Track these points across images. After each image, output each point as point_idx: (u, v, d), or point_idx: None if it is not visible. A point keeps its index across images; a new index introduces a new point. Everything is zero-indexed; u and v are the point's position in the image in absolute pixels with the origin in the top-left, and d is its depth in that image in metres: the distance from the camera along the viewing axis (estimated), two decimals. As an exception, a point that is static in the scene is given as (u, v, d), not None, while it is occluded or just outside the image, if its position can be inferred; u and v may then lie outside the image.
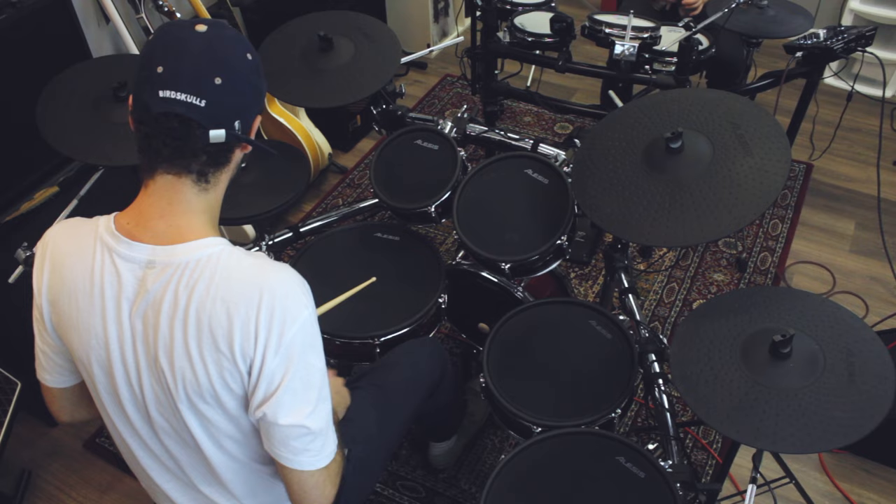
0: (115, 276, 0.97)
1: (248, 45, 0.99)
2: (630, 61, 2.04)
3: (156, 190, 0.97)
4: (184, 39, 0.93)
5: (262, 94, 1.02)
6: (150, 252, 0.96)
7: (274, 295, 0.94)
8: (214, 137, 0.94)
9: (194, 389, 0.97)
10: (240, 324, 0.93)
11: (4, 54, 1.91)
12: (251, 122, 1.00)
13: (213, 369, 0.95)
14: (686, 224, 1.30)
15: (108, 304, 0.98)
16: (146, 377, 1.00)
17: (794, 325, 1.22)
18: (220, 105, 0.93)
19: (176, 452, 1.08)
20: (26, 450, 2.04)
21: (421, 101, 3.39)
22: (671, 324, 2.31)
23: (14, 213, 1.90)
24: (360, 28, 1.88)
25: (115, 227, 0.98)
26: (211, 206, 1.01)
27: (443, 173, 1.73)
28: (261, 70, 1.01)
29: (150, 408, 1.03)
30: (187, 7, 2.57)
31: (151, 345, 0.97)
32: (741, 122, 1.38)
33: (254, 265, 0.96)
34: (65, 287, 1.00)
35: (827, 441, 1.09)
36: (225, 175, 1.01)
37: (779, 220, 2.67)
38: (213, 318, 0.93)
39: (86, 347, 1.01)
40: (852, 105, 2.48)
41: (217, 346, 0.94)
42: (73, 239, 1.01)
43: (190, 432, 1.02)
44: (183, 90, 0.90)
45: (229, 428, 1.03)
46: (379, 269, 1.75)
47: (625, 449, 1.25)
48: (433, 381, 1.56)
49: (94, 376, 1.03)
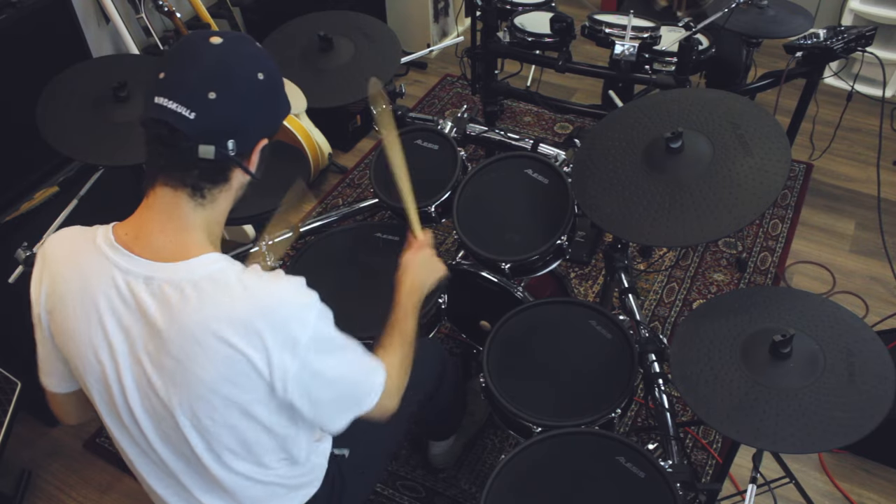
0: (112, 287, 0.96)
1: (266, 64, 0.96)
2: (630, 61, 2.04)
3: (155, 202, 0.96)
4: (196, 49, 0.92)
5: (269, 116, 0.99)
6: (149, 268, 0.95)
7: (277, 310, 0.93)
8: (203, 153, 0.91)
9: (197, 404, 0.96)
10: (249, 341, 0.92)
11: (4, 54, 1.91)
12: (251, 143, 0.97)
13: (219, 384, 0.94)
14: (686, 224, 1.30)
15: (104, 316, 0.96)
16: (142, 391, 0.99)
17: (794, 325, 1.22)
18: (211, 120, 0.91)
19: (173, 463, 1.07)
20: (26, 450, 2.04)
21: (421, 101, 3.39)
22: (671, 324, 2.31)
23: (14, 213, 1.90)
24: (361, 28, 1.88)
25: (114, 239, 0.97)
26: (209, 223, 0.99)
27: (443, 173, 1.73)
28: (275, 92, 0.98)
29: (148, 420, 1.02)
30: (187, 7, 2.58)
31: (149, 359, 0.96)
32: (741, 122, 1.38)
33: (255, 281, 0.95)
34: (61, 297, 0.98)
35: (827, 441, 1.09)
36: (224, 195, 0.99)
37: (779, 220, 2.67)
38: (219, 337, 0.92)
39: (81, 358, 1.00)
40: (852, 105, 2.48)
41: (231, 362, 0.93)
42: (71, 249, 1.00)
43: (189, 446, 1.01)
44: (175, 99, 0.89)
45: (231, 441, 1.02)
46: (379, 269, 1.75)
47: (625, 449, 1.25)
48: (433, 382, 1.56)
49: (90, 386, 1.02)
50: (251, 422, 1.00)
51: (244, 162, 0.97)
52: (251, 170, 0.99)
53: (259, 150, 0.99)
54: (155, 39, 2.40)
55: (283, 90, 1.01)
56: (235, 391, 0.95)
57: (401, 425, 1.48)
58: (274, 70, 0.97)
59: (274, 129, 1.01)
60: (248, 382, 0.95)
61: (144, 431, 1.03)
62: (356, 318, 1.62)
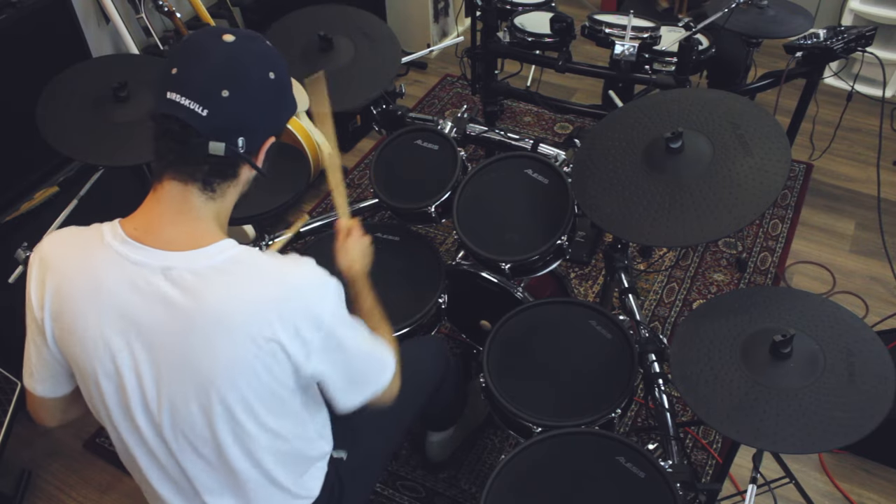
0: (126, 283, 0.95)
1: (276, 63, 0.97)
2: (630, 61, 2.04)
3: (164, 196, 0.96)
4: (207, 46, 0.92)
5: (278, 115, 1.00)
6: (166, 258, 0.94)
7: (299, 287, 0.96)
8: (213, 149, 0.92)
9: (230, 395, 0.96)
10: (275, 319, 0.93)
11: (4, 54, 1.91)
12: (259, 141, 0.98)
13: (247, 365, 0.95)
14: (686, 224, 1.30)
15: (119, 312, 0.95)
16: (165, 389, 0.98)
17: (794, 325, 1.22)
18: (223, 118, 0.92)
19: (188, 464, 1.05)
20: (26, 450, 2.04)
21: (421, 101, 3.39)
22: (671, 324, 2.31)
23: (14, 213, 1.90)
24: (361, 28, 1.88)
25: (124, 234, 0.96)
26: (219, 213, 1.01)
27: (443, 173, 1.73)
28: (284, 91, 0.99)
29: (168, 417, 1.00)
30: (187, 7, 2.58)
31: (171, 352, 0.95)
32: (741, 122, 1.38)
33: (273, 263, 0.97)
34: (69, 298, 0.97)
35: (827, 441, 1.09)
36: (232, 189, 1.00)
37: (779, 220, 2.67)
38: (245, 318, 0.93)
39: (91, 359, 0.98)
40: (852, 105, 2.48)
41: (258, 344, 0.94)
42: (74, 249, 0.98)
43: (211, 437, 1.01)
44: (188, 95, 0.90)
45: (261, 436, 1.03)
46: (379, 269, 1.75)
47: (625, 449, 1.26)
48: (435, 381, 1.55)
49: (100, 386, 1.00)
50: (274, 401, 1.01)
51: (252, 158, 0.98)
52: (259, 166, 1.00)
53: (267, 147, 1.00)
54: (155, 39, 2.40)
55: (291, 89, 1.02)
56: (263, 372, 0.96)
57: (402, 427, 1.48)
58: (283, 69, 0.98)
59: (281, 127, 1.02)
60: (275, 363, 0.96)
61: (160, 431, 1.02)
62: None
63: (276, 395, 1.00)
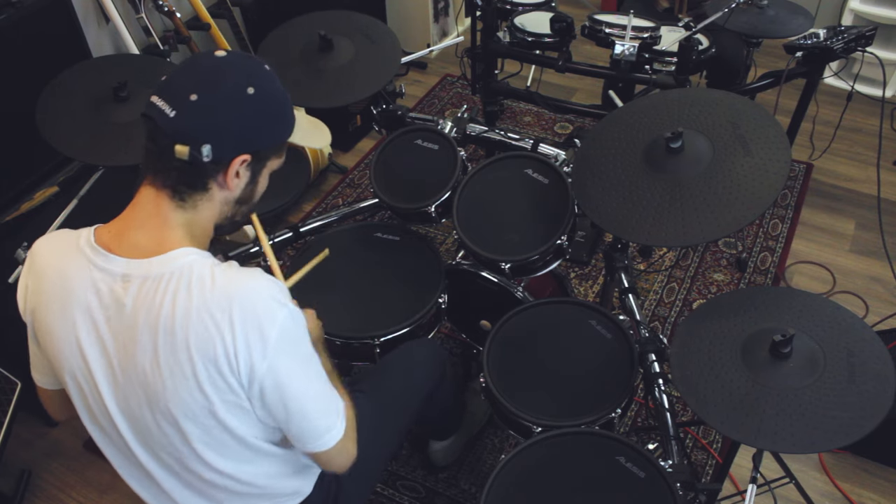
0: (91, 288, 0.97)
1: (261, 81, 0.96)
2: (630, 61, 2.04)
3: (140, 200, 0.99)
4: (201, 59, 0.97)
5: (252, 131, 0.97)
6: (126, 266, 0.96)
7: (247, 302, 0.93)
8: (178, 153, 0.93)
9: (184, 405, 0.97)
10: (218, 333, 0.92)
11: (4, 54, 1.91)
12: (228, 154, 0.96)
13: (203, 382, 0.95)
14: (686, 224, 1.30)
15: (82, 315, 0.98)
16: (121, 394, 1.00)
17: (794, 325, 1.22)
18: (189, 121, 0.93)
19: (152, 468, 1.07)
20: (26, 450, 2.04)
21: (421, 101, 3.39)
22: (671, 324, 2.31)
23: (14, 213, 1.90)
24: (361, 28, 1.88)
25: (94, 240, 0.99)
26: (191, 224, 1.00)
27: (443, 173, 1.73)
28: (265, 112, 0.98)
29: (127, 425, 1.02)
30: (187, 7, 2.58)
31: (132, 360, 0.97)
32: (741, 122, 1.38)
33: (224, 275, 0.95)
34: (43, 296, 1.00)
35: (827, 441, 1.09)
36: (205, 204, 1.00)
37: (779, 220, 2.67)
38: (189, 329, 0.93)
39: (65, 358, 1.01)
40: (852, 105, 2.48)
41: (199, 357, 0.93)
42: (56, 251, 1.01)
43: (176, 441, 1.02)
44: (163, 97, 0.93)
45: (216, 430, 1.02)
46: (379, 269, 1.75)
47: (625, 449, 1.26)
48: (432, 384, 1.55)
49: (68, 385, 1.04)
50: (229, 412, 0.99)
51: (220, 173, 0.98)
52: (228, 183, 0.99)
53: (239, 164, 0.98)
54: (155, 39, 2.40)
55: (282, 114, 1.02)
56: (215, 378, 0.95)
57: (400, 429, 1.48)
58: (271, 90, 0.98)
59: (258, 147, 1.00)
60: (221, 373, 0.94)
61: (121, 432, 1.04)
62: (355, 317, 1.64)
63: (219, 412, 0.99)
